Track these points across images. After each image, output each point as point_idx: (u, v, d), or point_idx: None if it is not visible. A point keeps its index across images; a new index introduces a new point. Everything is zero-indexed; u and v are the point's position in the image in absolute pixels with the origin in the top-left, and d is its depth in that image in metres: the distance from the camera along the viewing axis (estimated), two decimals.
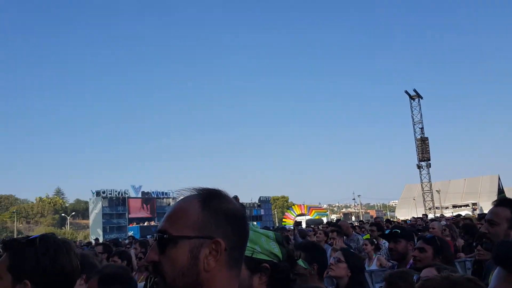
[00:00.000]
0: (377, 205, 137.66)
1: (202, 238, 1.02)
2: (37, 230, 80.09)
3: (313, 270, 2.51)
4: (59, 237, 1.71)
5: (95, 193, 62.63)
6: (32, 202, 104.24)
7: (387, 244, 6.08)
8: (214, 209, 1.05)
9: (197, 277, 1.01)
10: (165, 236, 1.03)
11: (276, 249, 1.60)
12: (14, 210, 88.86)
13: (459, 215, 17.51)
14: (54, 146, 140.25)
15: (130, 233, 38.30)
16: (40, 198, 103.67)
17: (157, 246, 1.03)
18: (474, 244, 4.61)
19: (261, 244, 1.59)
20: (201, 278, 1.01)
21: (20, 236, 1.91)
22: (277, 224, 64.71)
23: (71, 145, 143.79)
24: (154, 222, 59.96)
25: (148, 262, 1.05)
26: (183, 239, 1.01)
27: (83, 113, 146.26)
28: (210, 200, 1.07)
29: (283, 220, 66.27)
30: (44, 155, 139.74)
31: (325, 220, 49.14)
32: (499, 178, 70.02)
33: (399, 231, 3.78)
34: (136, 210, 63.81)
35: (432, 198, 56.24)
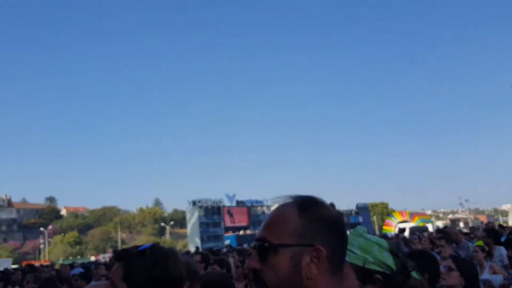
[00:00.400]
0: (487, 210, 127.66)
1: (303, 245, 1.01)
2: (139, 240, 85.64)
3: (423, 279, 2.34)
4: (161, 244, 1.75)
5: (191, 203, 64.88)
6: (134, 213, 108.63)
7: (501, 250, 5.56)
8: (312, 216, 1.04)
9: (300, 284, 1.00)
10: (265, 244, 1.03)
11: (390, 260, 1.51)
12: (118, 221, 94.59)
13: None
14: (152, 158, 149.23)
15: (227, 242, 39.50)
16: (141, 208, 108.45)
17: (257, 254, 1.04)
18: None
19: (374, 253, 1.51)
20: (304, 285, 1.00)
21: (124, 245, 1.99)
22: (377, 232, 62.27)
23: (167, 157, 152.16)
24: (250, 230, 61.06)
25: (249, 269, 1.05)
26: (284, 247, 1.01)
27: (175, 127, 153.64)
28: (307, 207, 1.06)
29: (384, 227, 63.32)
30: (143, 168, 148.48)
31: (430, 227, 46.50)
32: None
33: None
34: (231, 219, 65.38)
35: None
